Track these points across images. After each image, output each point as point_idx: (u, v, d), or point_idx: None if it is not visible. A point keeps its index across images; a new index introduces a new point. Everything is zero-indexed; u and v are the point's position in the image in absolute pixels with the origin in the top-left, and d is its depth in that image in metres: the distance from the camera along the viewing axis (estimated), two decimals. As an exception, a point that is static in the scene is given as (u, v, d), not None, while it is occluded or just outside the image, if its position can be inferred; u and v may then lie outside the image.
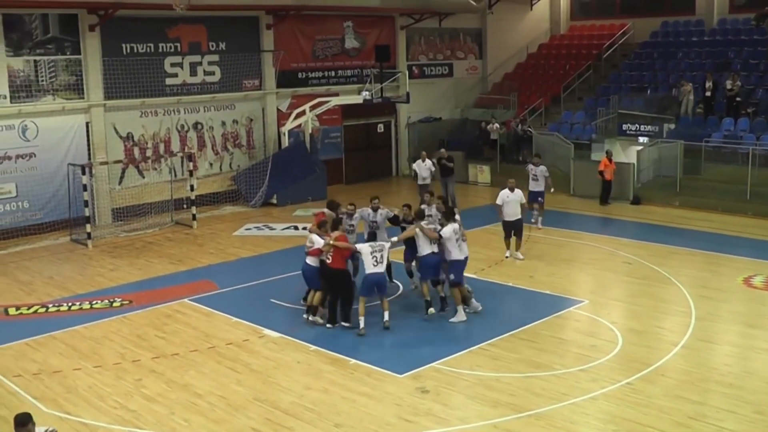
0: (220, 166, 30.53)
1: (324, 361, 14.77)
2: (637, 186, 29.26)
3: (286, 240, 24.46)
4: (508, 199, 20.89)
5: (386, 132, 36.45)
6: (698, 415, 12.38)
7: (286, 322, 16.86)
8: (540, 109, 36.38)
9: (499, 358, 14.76)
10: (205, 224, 26.78)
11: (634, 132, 31.12)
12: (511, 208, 20.87)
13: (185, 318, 17.43)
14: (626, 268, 20.67)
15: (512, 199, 20.87)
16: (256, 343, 15.79)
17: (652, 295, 18.29)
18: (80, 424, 12.54)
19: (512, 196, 20.89)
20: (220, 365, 14.73)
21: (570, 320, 16.84)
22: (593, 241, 23.32)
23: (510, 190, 20.96)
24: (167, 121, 28.83)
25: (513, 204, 20.87)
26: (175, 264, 22.00)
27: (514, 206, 20.88)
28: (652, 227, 25.26)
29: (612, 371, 14.02)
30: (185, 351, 15.45)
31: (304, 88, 32.80)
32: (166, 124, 28.82)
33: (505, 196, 20.94)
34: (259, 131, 31.51)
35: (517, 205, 20.89)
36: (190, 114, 29.44)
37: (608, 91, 35.19)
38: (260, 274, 20.58)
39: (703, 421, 12.19)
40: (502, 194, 21.03)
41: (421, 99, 35.97)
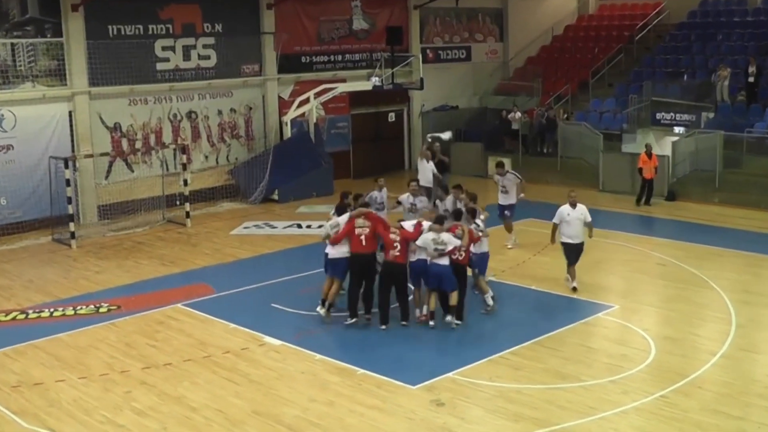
0: (216, 159, 30.57)
1: (330, 371, 14.80)
2: (673, 181, 29.21)
3: (289, 239, 24.48)
4: (569, 217, 18.48)
5: (398, 122, 36.43)
6: (738, 431, 12.38)
7: (288, 329, 16.88)
8: (566, 97, 36.31)
9: (521, 367, 14.77)
10: (200, 222, 26.82)
11: (669, 121, 31.07)
12: (573, 228, 18.53)
13: (178, 324, 17.46)
14: (660, 270, 20.65)
15: (574, 216, 18.47)
16: (255, 352, 15.82)
17: (688, 300, 18.27)
18: (64, 440, 12.61)
19: (574, 214, 18.49)
20: (217, 376, 14.77)
21: (599, 327, 16.84)
22: (624, 240, 23.30)
23: (571, 205, 18.54)
24: (158, 109, 28.88)
25: (574, 223, 18.50)
26: (167, 266, 22.04)
27: (576, 226, 18.53)
28: (689, 226, 25.22)
29: (644, 383, 14.02)
30: (178, 360, 15.49)
31: (308, 73, 32.81)
32: (157, 113, 28.86)
33: (565, 213, 18.53)
34: (259, 121, 31.54)
35: (580, 224, 18.55)
36: (184, 102, 29.47)
37: (641, 77, 35.14)
38: (260, 276, 20.59)
39: (745, 437, 12.20)
40: (561, 211, 18.60)
41: (436, 86, 35.92)
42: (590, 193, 29.13)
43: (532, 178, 31.99)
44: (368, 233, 16.63)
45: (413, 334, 16.44)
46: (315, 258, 19.14)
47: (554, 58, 39.80)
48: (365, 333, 16.53)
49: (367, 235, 16.62)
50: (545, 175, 31.94)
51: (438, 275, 16.50)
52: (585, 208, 18.62)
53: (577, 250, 18.70)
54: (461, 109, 37.73)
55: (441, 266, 16.46)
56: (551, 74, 38.35)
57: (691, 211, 26.99)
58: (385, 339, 16.23)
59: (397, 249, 16.47)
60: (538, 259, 21.53)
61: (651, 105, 32.29)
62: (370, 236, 16.66)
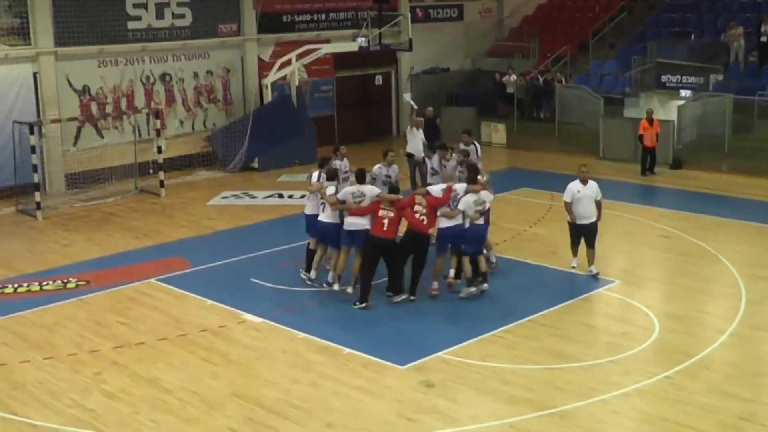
0: (192, 125, 30.45)
1: (313, 351, 14.77)
2: (678, 147, 29.20)
3: (270, 210, 24.42)
4: (579, 194, 17.96)
5: (385, 85, 36.34)
6: (749, 414, 12.39)
7: (269, 306, 16.86)
8: (565, 59, 36.23)
9: (515, 347, 14.76)
10: (175, 192, 26.75)
11: (675, 84, 31.02)
12: (583, 207, 17.97)
13: (152, 301, 17.42)
14: (664, 242, 20.66)
15: (585, 194, 17.95)
16: (234, 330, 15.78)
17: (694, 275, 18.28)
18: (29, 426, 12.54)
19: (584, 191, 17.95)
20: (193, 356, 14.73)
21: (598, 303, 16.86)
22: (626, 211, 23.29)
23: (582, 182, 18.00)
24: (130, 71, 28.70)
25: (586, 201, 17.95)
26: (139, 238, 21.97)
27: (587, 204, 17.96)
28: (695, 195, 25.24)
29: (647, 363, 14.03)
30: (152, 339, 15.44)
31: (290, 33, 32.66)
32: (129, 75, 28.69)
33: (575, 190, 18.02)
34: (237, 84, 31.41)
35: (591, 202, 17.95)
36: (157, 64, 29.31)
37: (645, 37, 35.06)
38: (239, 249, 20.55)
39: (755, 421, 12.20)
40: (571, 188, 18.09)
41: (426, 46, 35.78)
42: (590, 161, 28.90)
43: (529, 144, 32.12)
44: (393, 217, 16.58)
45: (402, 312, 16.41)
46: (297, 230, 19.10)
47: (552, 17, 39.68)
48: (351, 310, 16.48)
49: (391, 219, 16.57)
50: (542, 142, 31.90)
51: (478, 237, 16.98)
52: (596, 185, 18.02)
53: (590, 230, 18.07)
54: (453, 71, 37.63)
55: (481, 227, 17.04)
56: (549, 34, 38.24)
57: (698, 180, 27.00)
58: (372, 316, 16.21)
59: (424, 221, 16.57)
60: (534, 232, 21.51)
61: (655, 67, 32.23)
62: (394, 221, 16.60)
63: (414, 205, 16.72)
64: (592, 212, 17.98)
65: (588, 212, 17.95)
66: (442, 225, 16.77)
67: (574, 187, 18.01)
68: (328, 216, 17.12)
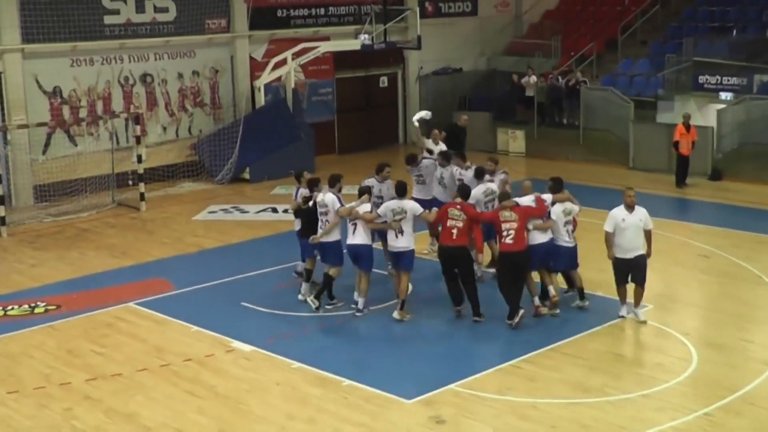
0: (176, 131, 30.51)
1: (311, 383, 14.74)
2: (718, 156, 29.19)
3: (262, 226, 24.43)
4: (625, 223, 16.54)
5: (391, 87, 36.38)
6: (797, 454, 12.33)
7: (261, 332, 16.83)
8: (590, 57, 36.21)
9: (536, 378, 14.72)
10: (157, 206, 26.77)
11: (715, 86, 30.99)
12: (629, 238, 16.57)
13: (130, 327, 17.38)
14: (703, 263, 20.61)
15: (631, 223, 16.53)
16: (222, 360, 15.75)
17: (736, 299, 18.21)
18: (-8, 466, 12.52)
19: (630, 219, 16.55)
20: (177, 388, 14.70)
21: (628, 331, 16.82)
22: (659, 227, 23.10)
23: (628, 207, 16.66)
24: (106, 71, 28.76)
25: (632, 231, 16.55)
26: (117, 257, 21.97)
27: (634, 234, 16.59)
28: (737, 210, 25.23)
29: (684, 398, 13.97)
30: (130, 370, 15.40)
31: (286, 29, 32.72)
32: (106, 75, 28.75)
33: (620, 218, 16.60)
34: (226, 86, 31.46)
35: (639, 232, 16.61)
36: (137, 63, 29.37)
37: (680, 33, 35.03)
38: (228, 270, 20.55)
39: (804, 462, 12.14)
40: (615, 216, 16.69)
41: (437, 44, 35.84)
42: (618, 172, 29.13)
43: (550, 153, 32.11)
44: (462, 226, 16.86)
45: (407, 339, 16.40)
46: (292, 248, 19.07)
47: (576, 11, 39.73)
48: (352, 336, 16.49)
49: (460, 229, 16.85)
50: (565, 151, 31.89)
51: (571, 253, 17.57)
52: (645, 213, 16.66)
53: (638, 266, 16.71)
54: (466, 72, 37.65)
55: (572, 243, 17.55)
56: (573, 30, 38.25)
57: (740, 193, 26.99)
58: (375, 344, 16.21)
59: (511, 237, 16.68)
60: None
61: (692, 66, 32.19)
62: (464, 230, 16.88)
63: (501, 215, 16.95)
64: (640, 244, 16.66)
65: (634, 244, 16.59)
66: (535, 241, 17.08)
67: (618, 214, 16.64)
68: (363, 237, 17.21)
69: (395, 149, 35.26)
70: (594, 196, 25.80)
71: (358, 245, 17.23)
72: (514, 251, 16.64)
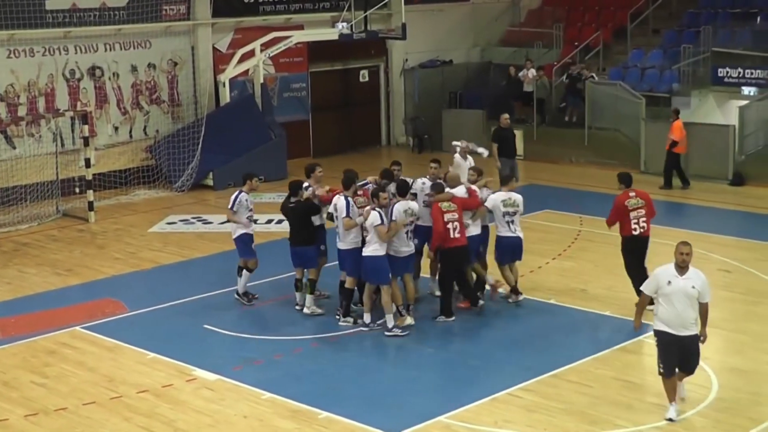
0: (129, 132, 30.51)
1: (282, 415, 14.71)
2: (740, 159, 29.33)
3: (227, 239, 24.29)
4: (671, 288, 13.75)
5: (373, 81, 36.47)
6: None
7: (226, 359, 16.81)
8: (597, 48, 36.34)
9: (536, 408, 14.73)
10: (108, 216, 26.75)
11: (736, 80, 31.11)
12: (677, 309, 13.75)
13: (77, 355, 17.32)
14: (724, 278, 20.65)
15: (680, 288, 13.71)
16: (183, 390, 15.72)
17: (761, 318, 18.27)
18: None
19: (680, 284, 13.73)
20: (130, 424, 14.64)
21: (640, 355, 16.82)
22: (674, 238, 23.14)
23: (678, 268, 13.86)
24: (49, 64, 28.75)
25: (682, 300, 13.73)
26: (62, 275, 21.93)
27: (684, 305, 13.74)
28: (763, 219, 25.37)
29: (704, 429, 13.98)
30: (76, 404, 15.33)
31: (253, 17, 32.77)
32: (48, 68, 28.74)
33: (664, 281, 13.82)
34: (186, 80, 31.51)
35: (692, 303, 13.73)
36: (85, 54, 29.37)
37: (697, 21, 35.17)
38: (189, 288, 20.56)
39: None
40: (660, 277, 13.97)
41: (424, 34, 35.95)
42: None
43: (552, 155, 32.18)
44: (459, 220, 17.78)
45: (393, 364, 16.44)
46: (263, 263, 19.07)
47: (581, -4, 39.87)
48: (329, 362, 16.47)
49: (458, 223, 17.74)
50: (568, 153, 31.97)
51: (514, 245, 18.75)
52: (703, 278, 13.84)
53: (688, 349, 13.96)
54: (457, 64, 37.79)
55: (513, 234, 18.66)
56: (576, 18, 38.41)
57: (765, 199, 27.16)
58: (355, 370, 16.18)
59: (457, 231, 17.68)
60: (559, 265, 21.50)
61: (711, 58, 32.34)
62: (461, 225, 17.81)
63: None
64: (692, 319, 13.83)
65: (684, 318, 13.74)
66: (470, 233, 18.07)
67: (663, 275, 13.89)
68: (377, 249, 17.33)
69: (377, 151, 35.33)
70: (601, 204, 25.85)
71: (375, 257, 17.37)
72: (463, 245, 17.73)
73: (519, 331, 17.77)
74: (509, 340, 17.40)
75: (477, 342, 17.32)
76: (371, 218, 17.20)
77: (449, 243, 17.64)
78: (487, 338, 17.40)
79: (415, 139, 35.65)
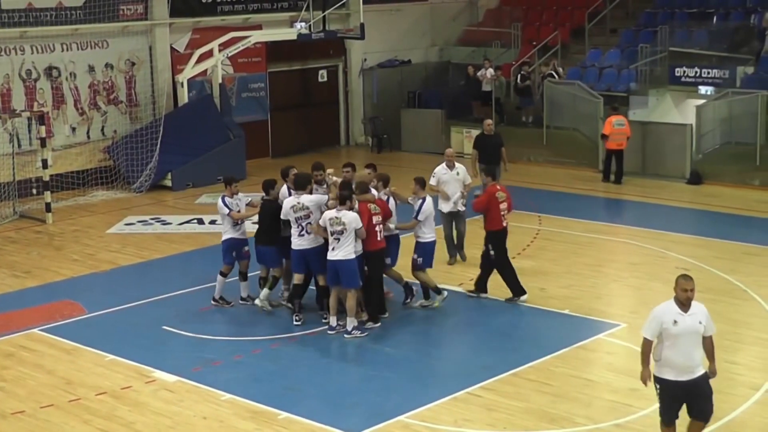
0: (87, 132, 30.37)
1: (242, 416, 14.68)
2: (697, 158, 29.46)
3: (186, 239, 24.35)
4: (677, 328, 12.25)
5: (332, 81, 36.46)
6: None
7: (186, 360, 16.75)
8: (555, 47, 36.44)
9: (496, 407, 14.75)
10: (66, 217, 26.64)
11: (693, 79, 31.26)
12: (683, 350, 12.32)
13: (34, 357, 17.21)
14: (681, 276, 20.73)
15: (686, 328, 12.27)
16: (142, 392, 15.64)
17: (720, 316, 18.19)
18: None
19: (686, 322, 12.26)
20: (89, 426, 14.56)
21: (599, 353, 16.90)
22: (632, 237, 23.41)
23: (680, 304, 12.37)
24: (5, 64, 28.61)
25: (688, 340, 12.32)
26: (19, 277, 21.81)
27: (692, 344, 12.36)
28: (720, 217, 25.47)
29: (662, 426, 14.05)
30: (34, 407, 15.24)
31: (211, 17, 32.71)
32: (4, 68, 28.60)
33: (669, 321, 12.29)
34: (144, 81, 31.39)
35: (698, 340, 12.36)
36: (41, 54, 29.21)
37: (655, 20, 35.34)
38: (148, 290, 20.47)
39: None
40: (660, 316, 12.42)
41: (382, 33, 35.99)
42: (586, 175, 29.31)
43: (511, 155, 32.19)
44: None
45: (352, 363, 16.46)
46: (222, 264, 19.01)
47: (539, -5, 39.95)
48: (288, 362, 16.46)
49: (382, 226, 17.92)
50: (527, 152, 32.02)
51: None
52: (705, 312, 12.49)
53: (698, 392, 12.44)
54: (415, 64, 37.85)
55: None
56: (534, 17, 38.53)
57: (722, 198, 27.23)
58: (314, 371, 16.16)
59: (381, 233, 17.75)
60: (517, 265, 21.51)
61: (668, 57, 32.50)
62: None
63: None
64: (699, 358, 12.40)
65: (692, 358, 12.31)
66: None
67: (667, 315, 12.37)
68: (351, 252, 17.35)
69: (336, 151, 35.30)
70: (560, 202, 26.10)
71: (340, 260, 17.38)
72: (383, 248, 17.86)
73: (478, 331, 17.82)
74: (469, 339, 17.47)
75: (436, 341, 17.36)
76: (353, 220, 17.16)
77: (377, 245, 17.62)
78: (447, 338, 17.45)
79: (374, 139, 35.67)
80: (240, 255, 18.92)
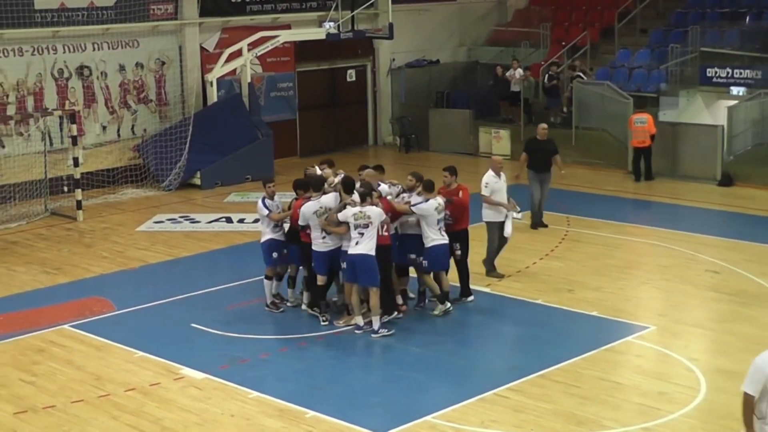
0: (117, 131, 30.44)
1: (269, 414, 14.69)
2: (729, 159, 29.33)
3: (214, 237, 24.39)
4: None
5: (360, 81, 36.43)
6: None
7: (213, 358, 16.77)
8: (584, 48, 36.35)
9: (524, 409, 14.72)
10: (96, 215, 26.72)
11: (725, 80, 31.12)
12: None
13: (65, 353, 17.28)
14: (711, 279, 20.66)
15: None
16: (170, 389, 15.68)
17: (750, 320, 18.24)
18: None
19: None
20: (118, 422, 14.60)
21: (628, 355, 16.83)
22: (662, 239, 23.33)
23: None
24: (38, 63, 28.66)
25: None
26: (50, 274, 21.88)
27: None
28: (751, 219, 25.36)
29: (692, 430, 13.98)
30: (65, 402, 15.31)
31: (241, 17, 32.71)
32: (37, 67, 28.65)
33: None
34: (174, 80, 31.45)
35: None
36: (73, 53, 29.28)
37: (685, 21, 35.21)
38: (176, 287, 20.52)
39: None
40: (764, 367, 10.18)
41: (411, 33, 35.96)
42: (615, 176, 29.18)
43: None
44: None
45: (380, 364, 16.45)
46: (248, 263, 19.08)
47: (568, -4, 39.88)
48: (315, 361, 16.47)
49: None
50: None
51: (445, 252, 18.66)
52: None
53: None
54: (444, 64, 37.76)
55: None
56: (563, 17, 38.43)
57: (754, 200, 27.13)
58: (342, 370, 16.15)
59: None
60: (546, 265, 21.50)
61: (699, 57, 32.35)
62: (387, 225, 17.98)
63: None
64: None
65: None
66: None
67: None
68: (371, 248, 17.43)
69: (364, 151, 35.29)
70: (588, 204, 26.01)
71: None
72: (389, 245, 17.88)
73: (506, 332, 17.81)
74: (496, 340, 17.44)
75: (464, 342, 17.32)
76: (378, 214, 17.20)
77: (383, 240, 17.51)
78: (474, 338, 17.42)
79: (402, 139, 35.63)
80: (281, 258, 18.75)
